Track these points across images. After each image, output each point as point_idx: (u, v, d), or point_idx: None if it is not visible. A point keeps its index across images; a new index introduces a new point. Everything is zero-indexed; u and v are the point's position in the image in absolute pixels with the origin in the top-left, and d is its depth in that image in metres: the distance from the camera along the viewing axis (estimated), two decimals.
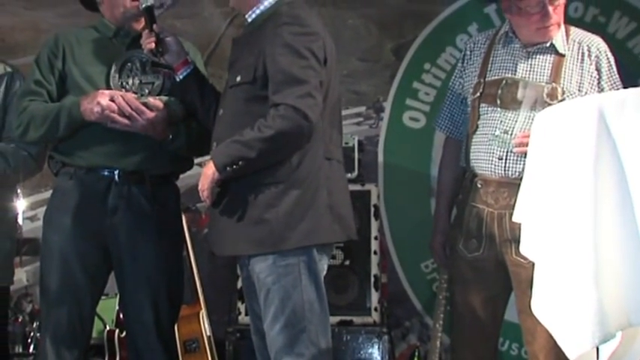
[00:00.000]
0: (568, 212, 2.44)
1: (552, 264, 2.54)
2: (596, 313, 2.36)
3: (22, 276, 5.30)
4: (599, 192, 2.37)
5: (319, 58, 3.37)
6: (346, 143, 5.12)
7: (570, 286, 2.42)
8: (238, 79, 3.45)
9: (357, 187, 5.32)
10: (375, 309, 5.37)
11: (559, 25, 3.80)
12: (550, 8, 3.72)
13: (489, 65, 3.89)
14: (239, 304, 5.40)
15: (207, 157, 3.52)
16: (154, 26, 3.72)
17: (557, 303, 2.50)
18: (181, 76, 3.74)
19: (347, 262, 5.41)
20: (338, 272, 5.27)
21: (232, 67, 3.55)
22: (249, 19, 3.57)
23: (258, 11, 3.53)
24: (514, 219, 2.98)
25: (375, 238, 5.42)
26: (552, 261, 2.54)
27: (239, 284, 5.10)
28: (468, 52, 4.02)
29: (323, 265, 3.46)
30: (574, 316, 2.41)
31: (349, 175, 5.00)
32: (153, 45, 3.69)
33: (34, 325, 5.39)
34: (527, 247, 2.75)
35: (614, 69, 3.82)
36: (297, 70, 3.30)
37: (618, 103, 2.40)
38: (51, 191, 3.92)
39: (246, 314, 4.58)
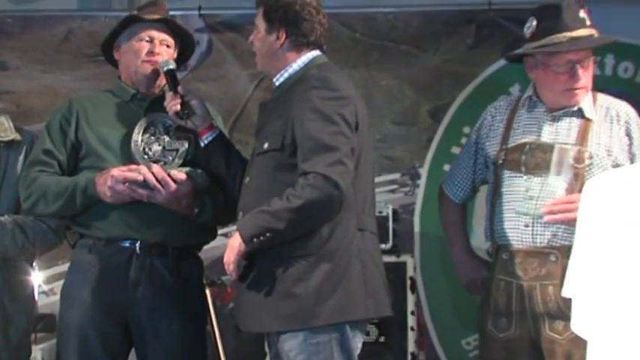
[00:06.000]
0: (625, 287, 2.32)
1: (608, 343, 2.41)
2: None
3: (37, 354, 5.30)
4: None
5: (350, 123, 3.32)
6: (380, 212, 5.08)
7: None
8: (266, 146, 3.41)
9: (391, 259, 5.22)
10: None
11: (587, 90, 3.73)
12: (580, 70, 3.65)
13: (512, 131, 3.81)
14: None
15: (232, 228, 3.51)
16: (179, 88, 3.71)
17: None
18: (206, 141, 3.72)
19: (382, 339, 5.30)
20: (372, 350, 5.16)
21: (260, 134, 3.52)
22: (277, 83, 3.53)
23: (286, 74, 3.49)
24: (563, 294, 2.79)
25: (412, 313, 5.34)
26: (608, 340, 2.41)
27: None
28: (489, 118, 3.92)
29: (357, 342, 3.39)
30: None
31: (383, 245, 4.94)
32: (178, 107, 3.67)
33: None
34: (580, 325, 2.59)
35: None
36: (327, 137, 3.26)
37: None
38: (68, 264, 3.87)
39: None
